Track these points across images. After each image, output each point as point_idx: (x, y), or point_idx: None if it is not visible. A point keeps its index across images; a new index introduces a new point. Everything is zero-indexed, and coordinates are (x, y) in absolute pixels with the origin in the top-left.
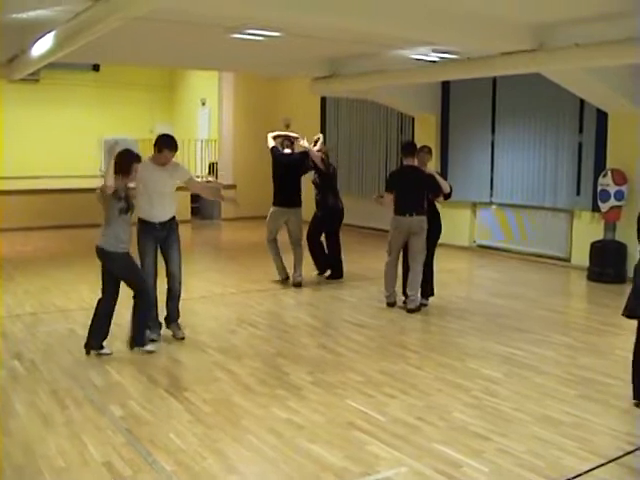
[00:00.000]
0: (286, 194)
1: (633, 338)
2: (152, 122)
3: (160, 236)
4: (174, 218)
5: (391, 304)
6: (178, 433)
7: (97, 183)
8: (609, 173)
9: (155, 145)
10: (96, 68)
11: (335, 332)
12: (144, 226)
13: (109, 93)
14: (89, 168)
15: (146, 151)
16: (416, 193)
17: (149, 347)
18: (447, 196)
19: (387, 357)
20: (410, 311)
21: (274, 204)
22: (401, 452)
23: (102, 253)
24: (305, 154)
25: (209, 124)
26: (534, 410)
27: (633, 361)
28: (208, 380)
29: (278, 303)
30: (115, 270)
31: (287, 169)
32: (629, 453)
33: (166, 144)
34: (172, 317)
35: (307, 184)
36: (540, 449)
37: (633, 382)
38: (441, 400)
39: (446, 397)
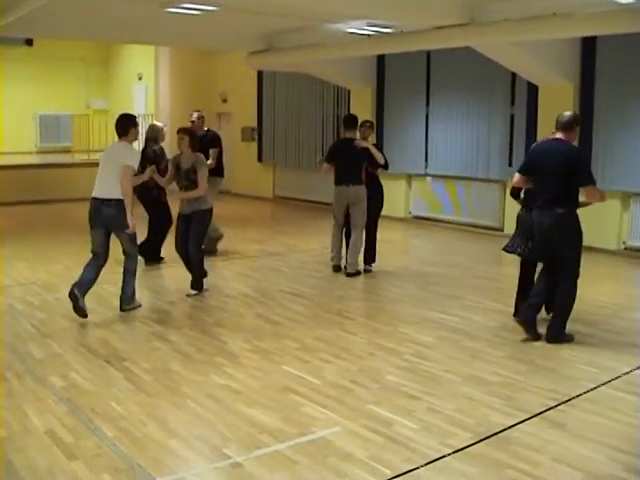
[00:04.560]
0: None
1: None
2: (88, 97)
3: None
4: None
5: (336, 267)
6: (119, 401)
7: (32, 159)
8: None
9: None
10: (29, 42)
11: (272, 302)
12: None
13: (43, 68)
14: (24, 144)
15: (81, 127)
16: (353, 164)
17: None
18: (385, 167)
19: (323, 324)
20: (349, 275)
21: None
22: (335, 413)
23: None
24: None
25: (146, 99)
26: (463, 371)
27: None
28: (147, 350)
29: (216, 275)
30: None
31: None
32: (551, 408)
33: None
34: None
35: None
36: (468, 407)
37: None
38: (374, 364)
39: (379, 361)
